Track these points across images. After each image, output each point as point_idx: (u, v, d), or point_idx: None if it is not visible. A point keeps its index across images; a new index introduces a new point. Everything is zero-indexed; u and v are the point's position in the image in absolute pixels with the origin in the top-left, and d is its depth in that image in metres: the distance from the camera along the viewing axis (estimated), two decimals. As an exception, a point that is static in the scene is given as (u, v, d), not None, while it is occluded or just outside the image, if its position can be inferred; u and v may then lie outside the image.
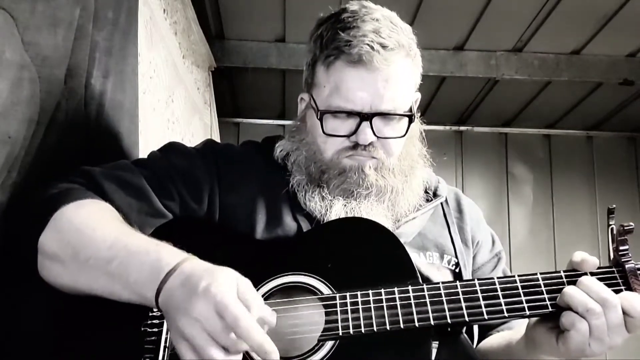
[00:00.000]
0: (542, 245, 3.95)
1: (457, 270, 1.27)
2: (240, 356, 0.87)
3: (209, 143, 1.32)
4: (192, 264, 0.92)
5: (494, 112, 3.84)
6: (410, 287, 1.01)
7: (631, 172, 4.10)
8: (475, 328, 1.24)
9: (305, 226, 1.18)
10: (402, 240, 1.17)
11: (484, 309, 0.99)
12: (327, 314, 0.99)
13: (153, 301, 0.91)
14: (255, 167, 1.26)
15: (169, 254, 0.95)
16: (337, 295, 1.01)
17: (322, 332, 0.98)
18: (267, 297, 1.01)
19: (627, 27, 2.86)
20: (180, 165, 1.21)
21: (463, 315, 0.99)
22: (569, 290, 0.99)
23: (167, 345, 0.95)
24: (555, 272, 1.03)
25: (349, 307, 0.99)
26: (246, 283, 0.90)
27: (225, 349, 0.84)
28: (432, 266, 1.23)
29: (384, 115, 1.17)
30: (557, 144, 4.09)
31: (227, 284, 0.87)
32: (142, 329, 0.98)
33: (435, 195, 1.33)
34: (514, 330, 1.24)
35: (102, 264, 0.97)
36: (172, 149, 1.26)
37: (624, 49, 3.15)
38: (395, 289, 1.00)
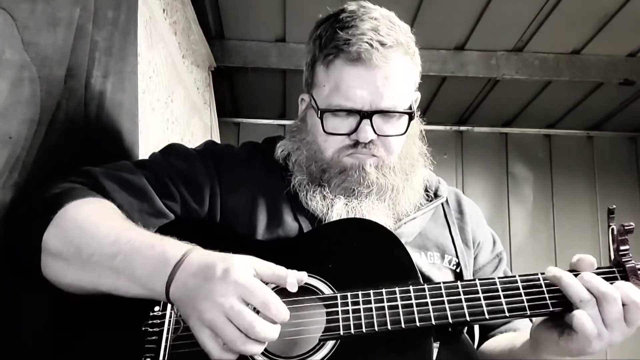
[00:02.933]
0: (543, 245, 3.94)
1: (458, 270, 1.27)
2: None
3: (209, 144, 1.32)
4: (199, 253, 0.94)
5: (494, 112, 3.84)
6: (411, 287, 1.01)
7: (632, 172, 4.10)
8: (476, 329, 1.24)
9: (306, 226, 1.18)
10: (403, 240, 1.17)
11: (485, 309, 0.99)
12: (328, 313, 0.99)
13: (163, 294, 0.92)
14: (255, 167, 1.26)
15: (173, 246, 0.96)
16: (339, 295, 1.01)
17: (323, 331, 0.98)
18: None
19: (627, 27, 2.86)
20: (181, 167, 1.21)
21: (464, 315, 0.99)
22: (567, 279, 0.99)
23: (168, 344, 0.95)
24: (557, 272, 1.04)
25: (350, 307, 0.99)
26: (262, 262, 0.93)
27: (245, 335, 0.85)
28: (433, 266, 1.23)
29: (384, 113, 1.17)
30: (558, 144, 4.09)
31: (244, 268, 0.89)
32: (143, 328, 0.98)
33: (435, 195, 1.33)
34: (518, 333, 1.24)
35: (106, 259, 0.97)
36: (172, 151, 1.27)
37: (624, 48, 3.15)
38: (397, 289, 1.00)
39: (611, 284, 0.99)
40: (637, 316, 0.97)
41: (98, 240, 0.99)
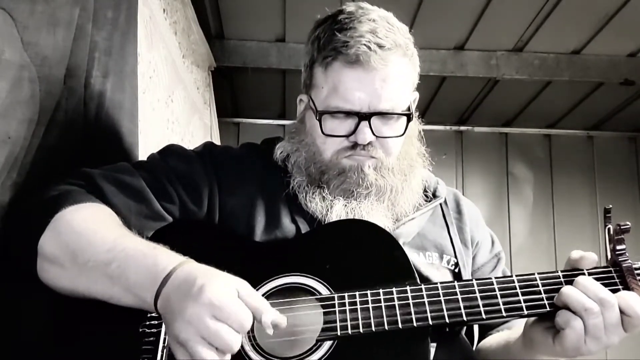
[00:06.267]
0: (543, 245, 3.95)
1: (456, 270, 1.27)
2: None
3: (207, 145, 1.32)
4: (189, 267, 0.93)
5: (494, 112, 3.84)
6: (408, 287, 1.01)
7: (632, 172, 4.10)
8: (476, 328, 1.25)
9: (304, 228, 1.19)
10: (401, 241, 1.17)
11: (482, 309, 0.99)
12: (325, 314, 0.99)
13: (152, 305, 0.93)
14: (254, 168, 1.26)
15: (165, 258, 0.96)
16: (336, 295, 1.01)
17: (320, 332, 0.98)
18: (266, 297, 1.01)
19: (628, 27, 2.86)
20: (180, 168, 1.21)
21: (461, 315, 0.99)
22: (566, 290, 0.99)
23: (165, 346, 0.96)
24: (553, 272, 1.04)
25: (347, 307, 0.99)
26: (247, 287, 0.91)
27: (218, 351, 0.85)
28: (431, 266, 1.23)
29: (382, 114, 1.17)
30: (558, 144, 4.09)
31: (223, 287, 0.88)
32: (141, 329, 0.98)
33: (434, 195, 1.34)
34: (512, 330, 1.24)
35: (100, 267, 0.97)
36: (171, 152, 1.27)
37: (624, 48, 3.15)
38: (394, 289, 1.01)
39: (606, 284, 0.99)
40: (638, 327, 0.98)
41: (94, 247, 0.99)
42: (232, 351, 0.86)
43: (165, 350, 0.95)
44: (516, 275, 1.03)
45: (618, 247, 1.03)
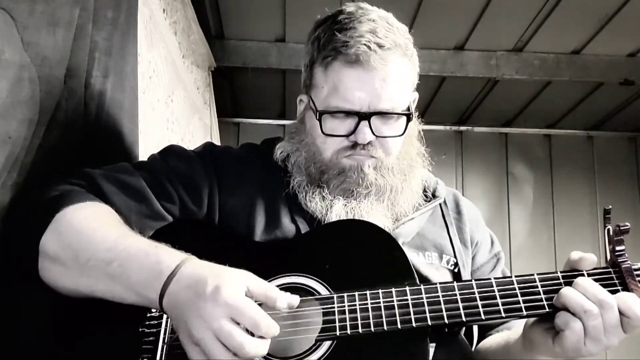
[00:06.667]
0: (543, 245, 3.95)
1: (456, 270, 1.27)
2: None
3: (207, 146, 1.32)
4: (193, 264, 0.94)
5: (494, 112, 3.84)
6: (407, 288, 1.01)
7: (632, 172, 4.10)
8: (475, 329, 1.25)
9: (304, 228, 1.19)
10: (400, 241, 1.18)
11: (481, 309, 0.99)
12: (325, 314, 0.99)
13: (157, 303, 0.93)
14: (254, 169, 1.27)
15: (168, 256, 0.96)
16: (335, 295, 1.01)
17: (319, 332, 0.98)
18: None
19: (628, 27, 2.86)
20: (180, 168, 1.21)
21: (460, 316, 0.99)
22: (565, 291, 0.99)
23: (165, 345, 0.96)
24: (552, 272, 1.04)
25: (346, 308, 0.99)
26: (256, 279, 0.93)
27: (234, 354, 0.85)
28: (431, 266, 1.24)
29: (382, 114, 1.17)
30: (557, 144, 4.09)
31: (236, 286, 0.89)
32: (140, 329, 0.98)
33: (434, 196, 1.34)
34: (512, 331, 1.25)
35: (102, 266, 0.97)
36: (171, 152, 1.27)
37: (624, 48, 3.15)
38: (393, 290, 1.01)
39: (605, 285, 0.99)
40: (637, 328, 0.98)
41: (94, 246, 0.99)
42: (243, 354, 0.85)
43: (164, 350, 0.95)
44: (515, 276, 1.03)
45: (617, 248, 1.03)
